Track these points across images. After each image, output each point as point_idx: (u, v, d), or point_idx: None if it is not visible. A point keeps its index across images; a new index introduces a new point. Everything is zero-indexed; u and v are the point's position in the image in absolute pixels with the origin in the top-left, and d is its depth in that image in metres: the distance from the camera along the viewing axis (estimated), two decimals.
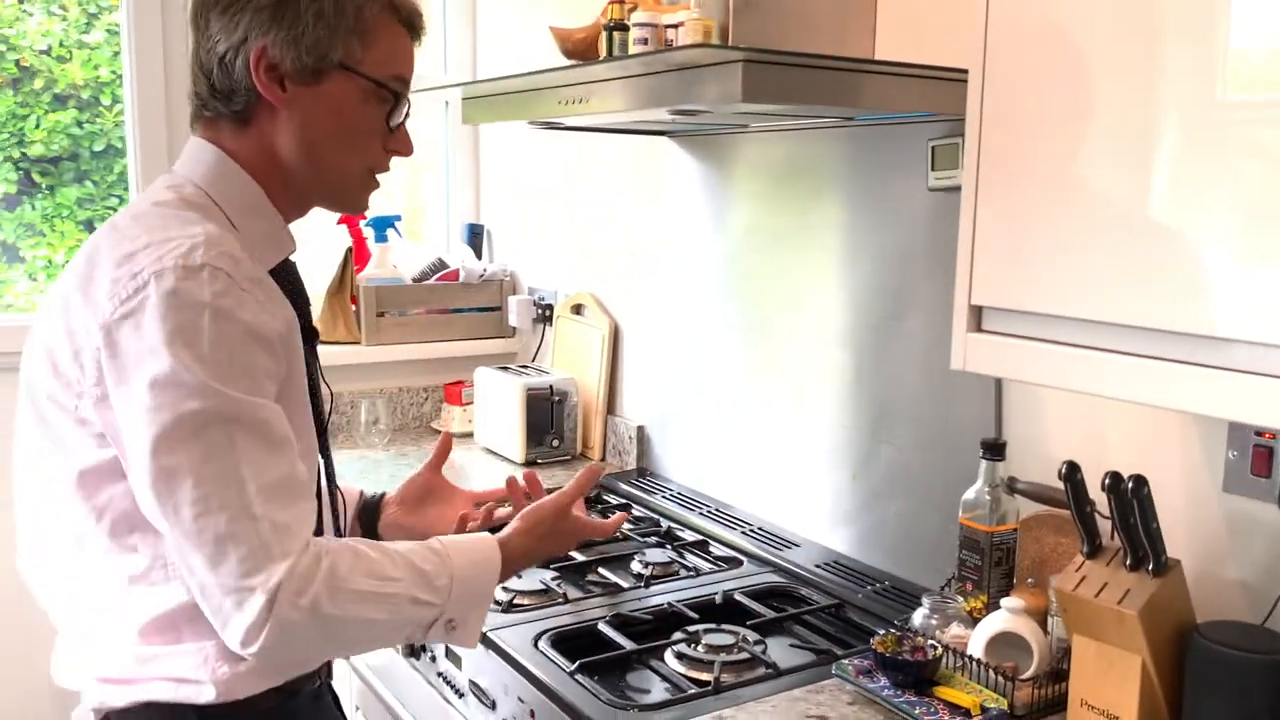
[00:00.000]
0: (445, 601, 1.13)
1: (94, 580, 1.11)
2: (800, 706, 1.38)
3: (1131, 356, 1.08)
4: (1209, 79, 0.98)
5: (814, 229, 1.95)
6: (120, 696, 1.11)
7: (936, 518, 1.69)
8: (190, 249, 1.01)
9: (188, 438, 0.98)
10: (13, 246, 2.76)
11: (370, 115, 1.16)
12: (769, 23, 1.63)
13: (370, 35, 1.13)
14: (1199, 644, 1.24)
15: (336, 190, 1.21)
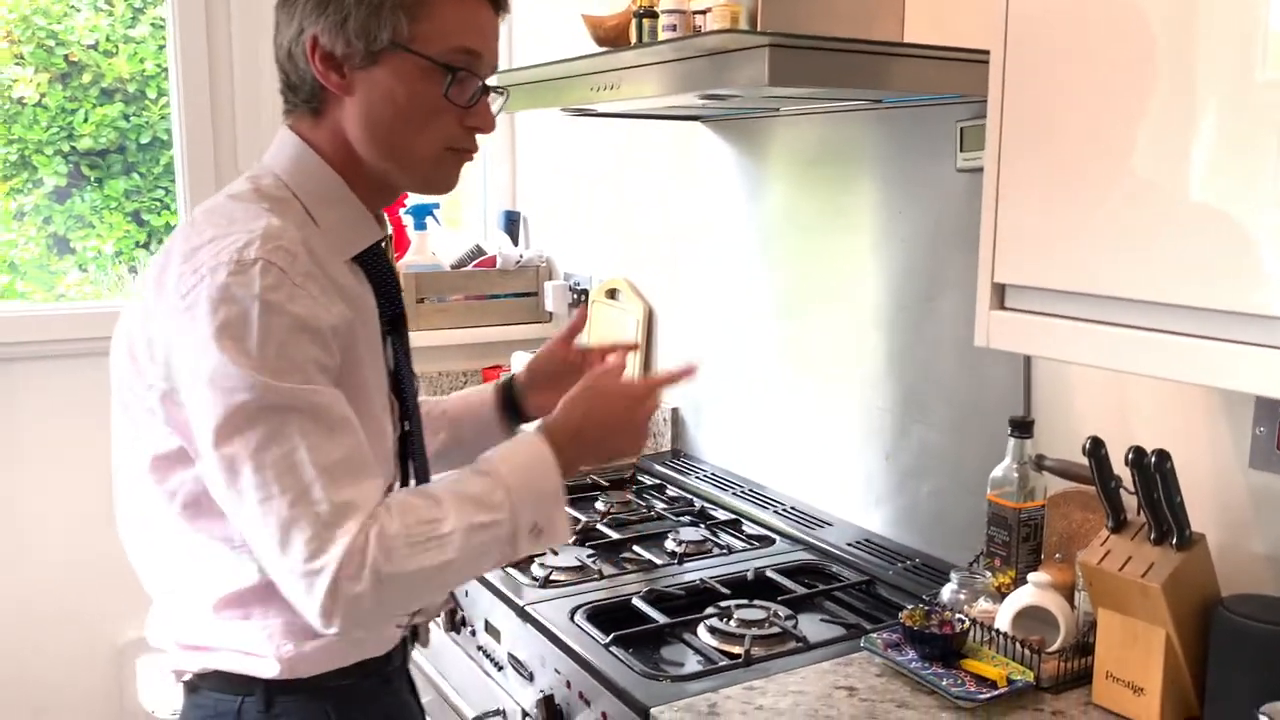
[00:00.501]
0: (510, 514, 1.09)
1: (170, 556, 1.15)
2: (829, 678, 1.42)
3: (1155, 332, 1.10)
4: (1241, 59, 0.99)
5: (846, 211, 1.97)
6: (195, 662, 1.17)
7: (967, 496, 1.71)
8: (246, 244, 1.02)
9: (243, 427, 0.99)
10: (63, 238, 2.84)
11: (430, 92, 1.11)
12: (797, 7, 1.65)
13: (421, 9, 1.08)
14: (1223, 617, 1.25)
15: (413, 172, 1.17)
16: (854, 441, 1.98)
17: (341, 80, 1.10)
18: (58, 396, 2.63)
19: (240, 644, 1.14)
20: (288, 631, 1.12)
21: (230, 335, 0.99)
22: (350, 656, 1.18)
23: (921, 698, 1.36)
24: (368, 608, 1.01)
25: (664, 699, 1.36)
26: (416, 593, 1.08)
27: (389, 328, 1.21)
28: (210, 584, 1.13)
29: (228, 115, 2.73)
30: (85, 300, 2.86)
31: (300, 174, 1.13)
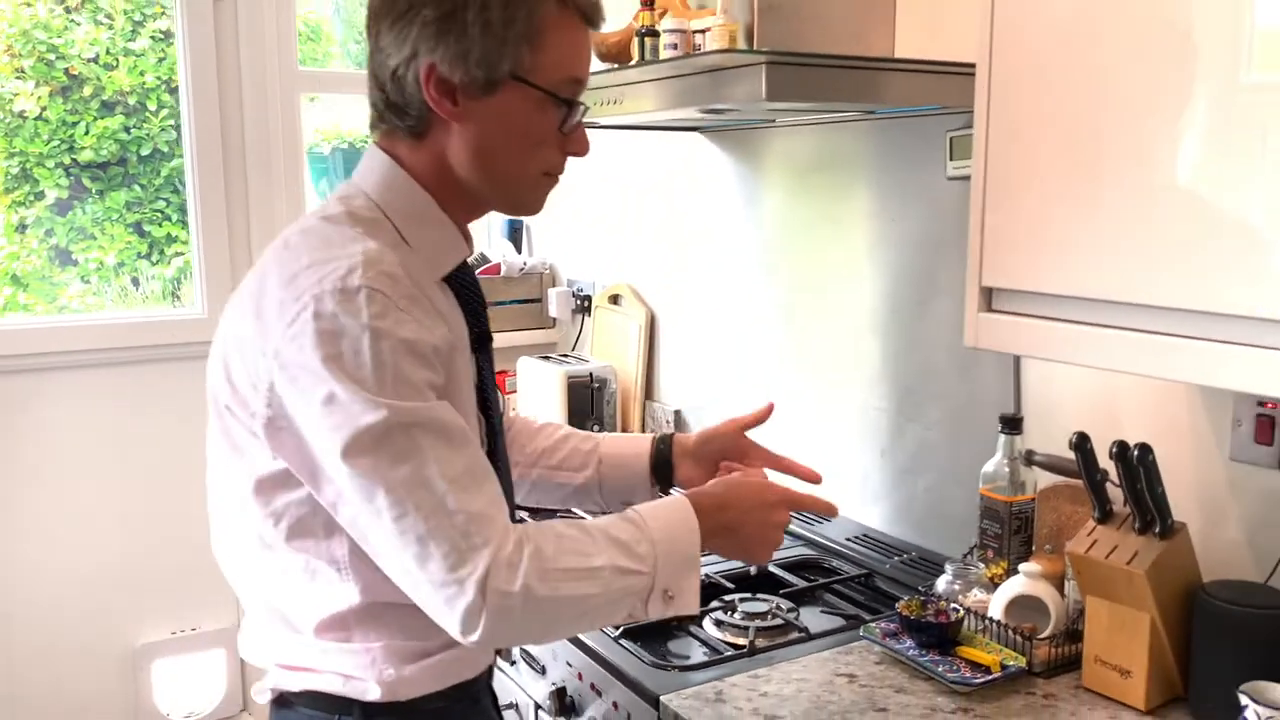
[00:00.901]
0: (653, 569, 1.08)
1: (273, 577, 1.13)
2: (830, 666, 1.48)
3: (1137, 332, 1.16)
4: (1227, 63, 1.05)
5: (841, 218, 2.04)
6: (295, 682, 1.16)
7: (961, 491, 1.77)
8: (349, 270, 1.01)
9: (371, 448, 0.99)
10: (65, 250, 2.86)
11: (544, 122, 1.11)
12: (792, 24, 1.72)
13: (541, 38, 1.07)
14: (1205, 601, 1.32)
15: (512, 196, 1.17)
16: (852, 440, 2.05)
17: (454, 108, 1.08)
18: (66, 407, 2.68)
19: (341, 667, 1.13)
20: (388, 655, 1.12)
21: (344, 364, 0.99)
22: (447, 679, 1.17)
23: (919, 683, 1.42)
24: (513, 622, 1.01)
25: (673, 687, 1.42)
26: (557, 621, 1.07)
27: (475, 345, 1.20)
28: (312, 606, 1.12)
29: (235, 124, 2.78)
30: (89, 312, 2.89)
31: (391, 194, 1.12)
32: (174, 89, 2.84)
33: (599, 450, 1.43)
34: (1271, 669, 1.25)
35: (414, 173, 1.13)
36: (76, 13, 2.77)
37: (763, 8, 1.70)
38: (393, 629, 1.12)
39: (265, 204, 2.82)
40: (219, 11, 2.73)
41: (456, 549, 0.99)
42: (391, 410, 0.99)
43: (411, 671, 1.13)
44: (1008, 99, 1.26)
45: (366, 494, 1.00)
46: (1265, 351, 1.05)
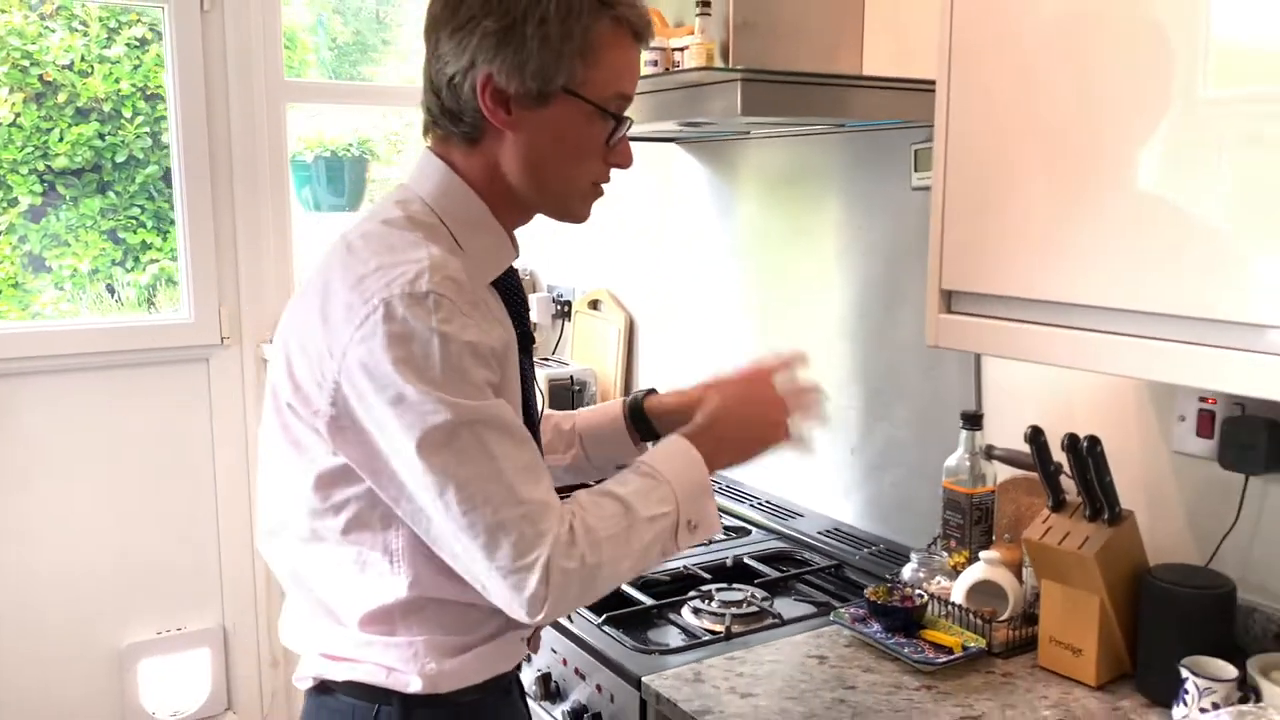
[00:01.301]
0: (675, 507, 1.15)
1: (323, 569, 1.17)
2: (802, 649, 1.57)
3: (1082, 331, 1.25)
4: (1184, 79, 1.15)
5: (811, 227, 2.13)
6: (336, 672, 1.19)
7: (926, 485, 1.86)
8: (416, 275, 1.04)
9: (442, 445, 1.03)
10: (39, 257, 2.85)
11: (594, 135, 1.15)
12: (765, 42, 1.82)
13: (595, 54, 1.11)
14: (1150, 583, 1.42)
15: (559, 205, 1.21)
16: (823, 439, 2.14)
17: (508, 117, 1.12)
18: (53, 410, 2.70)
19: (383, 659, 1.17)
20: (430, 649, 1.16)
21: (414, 366, 1.03)
22: (485, 672, 1.21)
23: (885, 664, 1.51)
24: (572, 593, 1.07)
25: (653, 669, 1.50)
26: (610, 580, 1.12)
27: (521, 347, 1.23)
28: (359, 598, 1.16)
29: (222, 127, 2.83)
30: (62, 319, 2.88)
31: (447, 200, 1.16)
32: (150, 96, 2.85)
33: (577, 428, 1.47)
34: (1211, 645, 1.35)
35: (467, 178, 1.16)
36: (51, 19, 2.77)
37: (738, 26, 1.79)
38: (435, 623, 1.16)
39: (251, 211, 2.87)
40: (206, 23, 2.78)
41: (524, 537, 1.04)
42: (459, 409, 1.03)
43: (452, 665, 1.17)
44: (964, 114, 1.35)
45: (438, 489, 1.04)
46: (1204, 349, 1.13)
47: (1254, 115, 1.06)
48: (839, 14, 1.91)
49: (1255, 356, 1.08)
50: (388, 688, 1.17)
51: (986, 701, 1.40)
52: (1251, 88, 1.07)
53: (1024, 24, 1.27)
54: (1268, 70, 1.05)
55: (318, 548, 1.16)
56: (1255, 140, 1.07)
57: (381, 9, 3.52)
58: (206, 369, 2.82)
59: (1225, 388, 1.13)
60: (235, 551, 2.92)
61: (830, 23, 1.90)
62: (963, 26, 1.35)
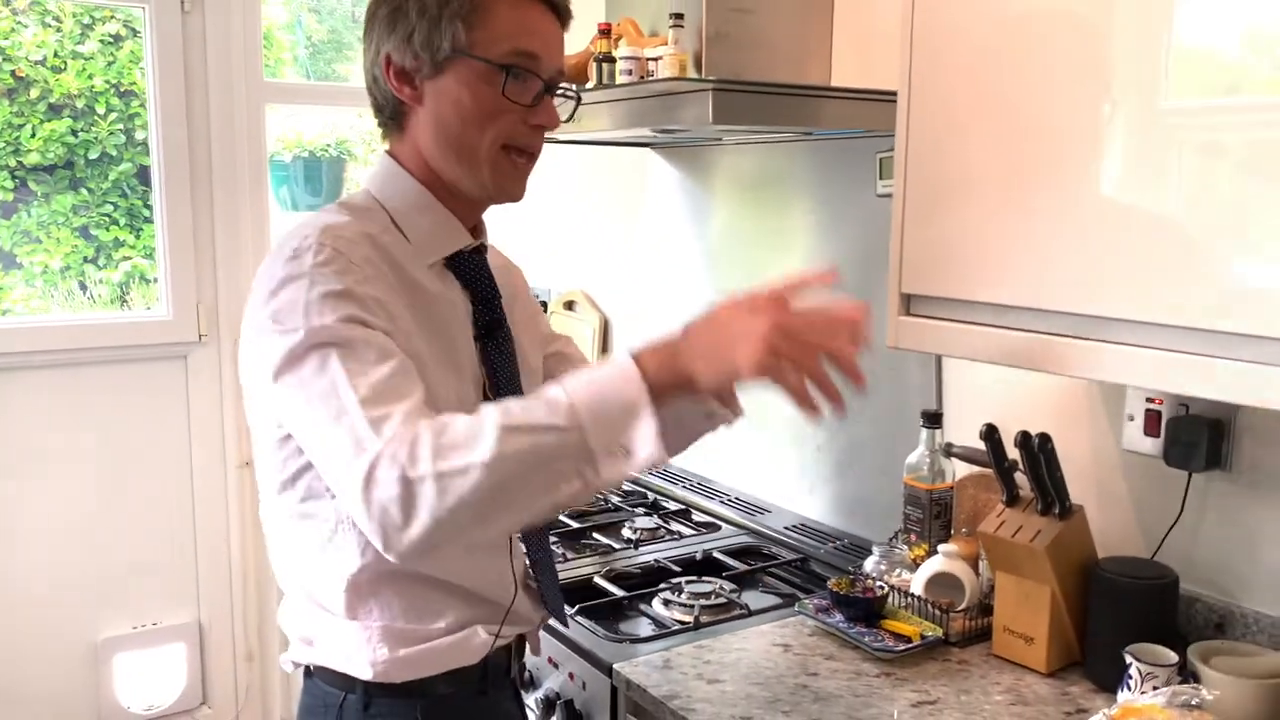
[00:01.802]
0: (573, 423, 0.99)
1: (295, 550, 1.21)
2: (768, 637, 1.63)
3: (1031, 333, 1.31)
4: (1137, 90, 1.22)
5: (781, 231, 2.19)
6: (307, 655, 1.24)
7: (890, 482, 1.93)
8: (306, 236, 1.11)
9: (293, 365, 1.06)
10: (10, 254, 2.83)
11: (492, 93, 1.15)
12: (738, 53, 1.88)
13: (476, 16, 1.14)
14: (1098, 575, 1.49)
15: (474, 175, 1.19)
16: (790, 437, 2.20)
17: (414, 92, 1.17)
18: (31, 406, 2.72)
19: (342, 644, 1.20)
20: (385, 636, 1.18)
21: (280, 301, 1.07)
22: (441, 665, 1.21)
23: (847, 652, 1.57)
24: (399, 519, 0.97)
25: (625, 657, 1.56)
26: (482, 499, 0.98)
27: (484, 332, 1.25)
28: (321, 574, 1.19)
29: (201, 124, 2.86)
30: (34, 315, 2.88)
31: (388, 187, 1.22)
32: (124, 92, 2.85)
33: None
34: (1154, 633, 1.42)
35: (406, 166, 1.22)
36: (24, 15, 2.76)
37: (710, 37, 1.85)
38: (394, 609, 1.18)
39: (230, 209, 2.90)
40: (187, 23, 2.81)
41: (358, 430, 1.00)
42: (310, 332, 1.05)
43: (404, 654, 1.19)
44: (924, 124, 1.41)
45: (290, 409, 1.08)
46: (1146, 351, 1.19)
47: (1210, 125, 1.13)
48: (809, 27, 1.98)
49: (1195, 359, 1.14)
50: (347, 673, 1.20)
51: (942, 687, 1.46)
52: (1204, 100, 1.14)
53: (982, 37, 1.33)
54: (1212, 80, 1.12)
55: (285, 526, 1.21)
56: (1206, 149, 1.13)
57: (357, 9, 3.54)
58: (185, 366, 2.85)
59: (1165, 388, 1.21)
60: (211, 547, 2.94)
61: (800, 35, 1.97)
62: (922, 40, 1.42)
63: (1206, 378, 1.14)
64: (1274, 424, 1.43)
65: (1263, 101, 1.07)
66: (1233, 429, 1.48)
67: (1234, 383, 1.11)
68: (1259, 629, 1.45)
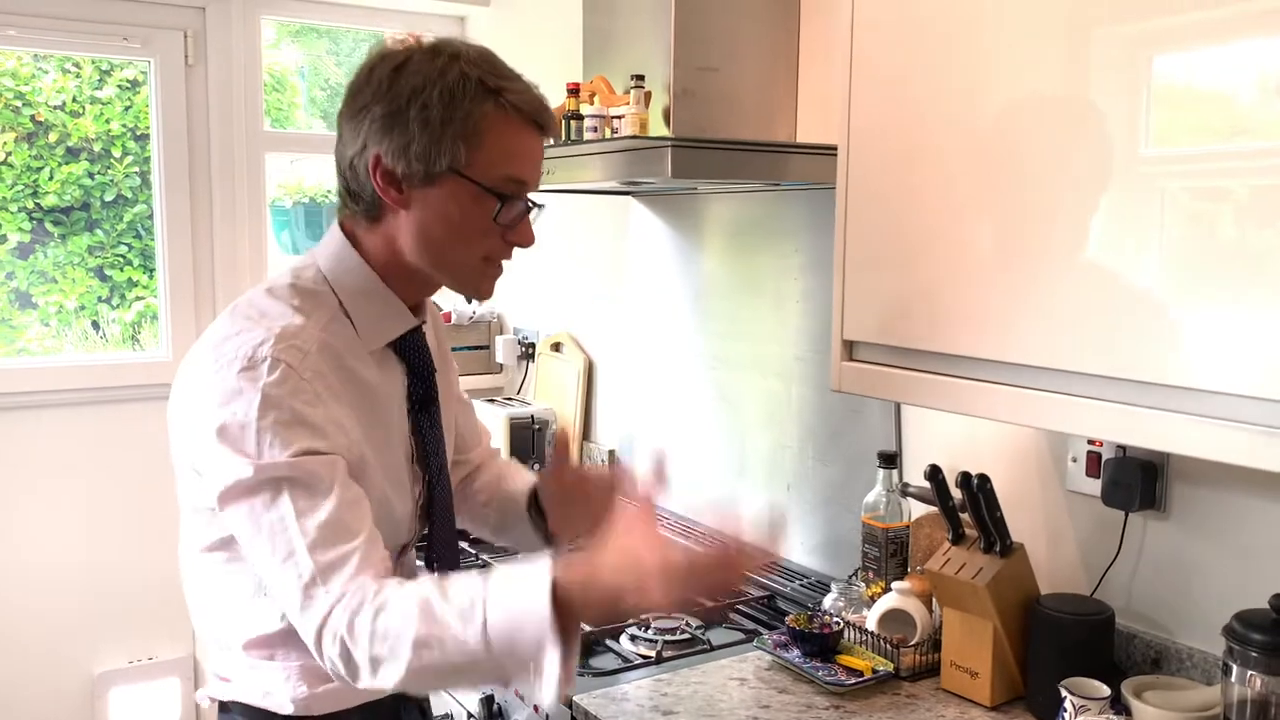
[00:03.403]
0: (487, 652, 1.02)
1: (211, 596, 1.28)
2: (725, 672, 1.68)
3: (963, 380, 1.38)
4: (1070, 148, 1.29)
5: (755, 276, 2.27)
6: (225, 691, 1.30)
7: (856, 521, 1.99)
8: (262, 342, 1.13)
9: (242, 498, 1.11)
10: (26, 293, 2.93)
11: (481, 214, 1.19)
12: (705, 110, 1.97)
13: (480, 138, 1.16)
14: (1038, 611, 1.54)
15: (456, 280, 1.26)
16: (762, 476, 2.26)
17: (399, 195, 1.19)
18: (23, 445, 2.81)
19: (262, 682, 1.26)
20: (303, 675, 1.24)
21: (234, 423, 1.11)
22: (357, 698, 1.28)
23: (801, 686, 1.63)
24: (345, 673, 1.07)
25: (584, 689, 1.62)
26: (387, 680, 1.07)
27: (419, 406, 1.32)
28: (242, 625, 1.25)
29: (203, 171, 2.97)
30: (47, 355, 2.97)
31: (340, 270, 1.24)
32: (139, 136, 2.96)
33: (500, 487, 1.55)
34: (1091, 667, 1.47)
35: (366, 252, 1.24)
36: (44, 61, 2.86)
37: (677, 94, 1.95)
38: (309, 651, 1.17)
39: (229, 253, 3.01)
40: (190, 75, 2.93)
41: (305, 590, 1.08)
42: (261, 468, 1.10)
43: (323, 691, 1.26)
44: (863, 177, 1.49)
45: (237, 534, 1.15)
46: (1073, 399, 1.25)
47: (1168, 174, 1.21)
48: (774, 85, 2.07)
49: (1121, 408, 1.20)
50: (266, 709, 1.27)
51: None
52: (1160, 149, 1.22)
53: (919, 94, 1.41)
54: (1168, 133, 1.20)
55: (205, 577, 1.27)
56: (1147, 199, 1.20)
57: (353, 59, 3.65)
58: None
59: (1088, 433, 1.27)
60: None
61: (766, 92, 2.06)
62: (861, 95, 1.49)
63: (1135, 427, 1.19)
64: (1204, 467, 1.49)
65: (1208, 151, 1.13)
66: (1166, 471, 1.54)
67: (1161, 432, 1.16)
68: (1192, 664, 1.51)
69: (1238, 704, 1.29)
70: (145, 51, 2.88)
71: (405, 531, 1.33)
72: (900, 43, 1.43)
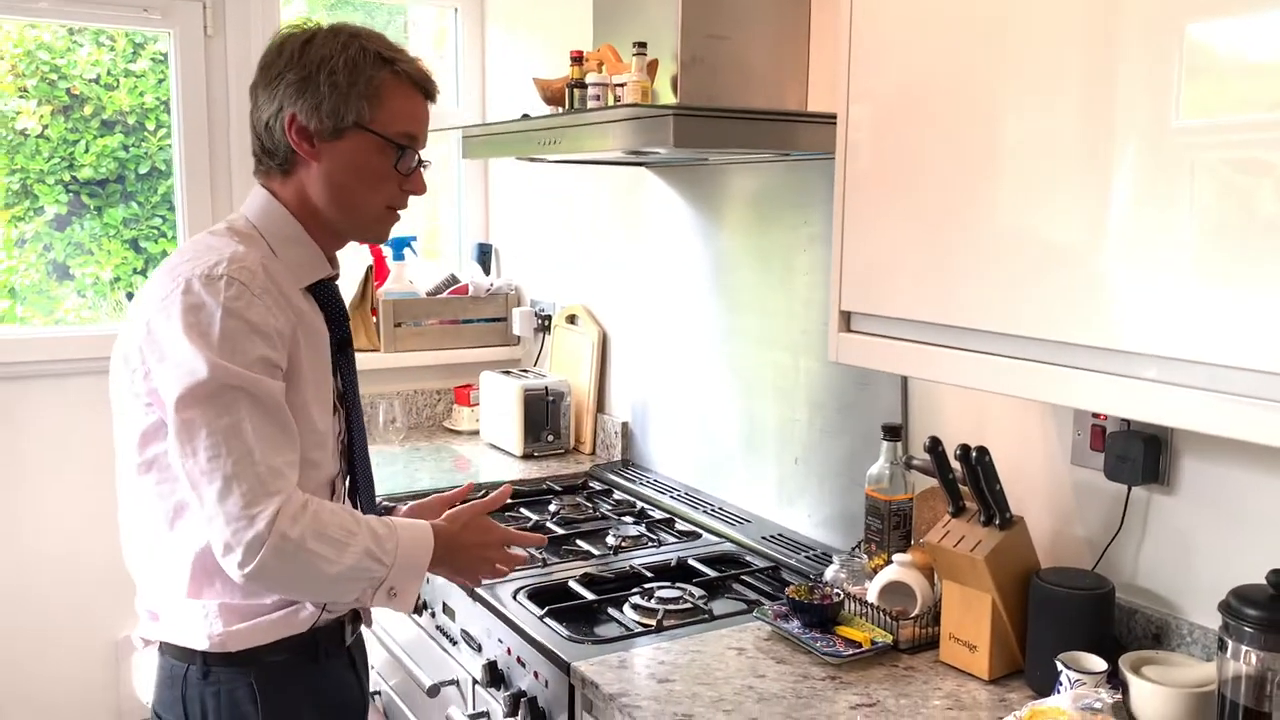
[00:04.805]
0: (391, 565, 1.34)
1: (142, 528, 1.39)
2: (724, 641, 1.69)
3: (959, 350, 1.36)
4: (1070, 116, 1.27)
5: (766, 247, 2.26)
6: (153, 631, 1.43)
7: (862, 494, 1.98)
8: (215, 263, 1.29)
9: (203, 399, 1.24)
10: (63, 265, 2.99)
11: (384, 164, 1.40)
12: (714, 78, 1.95)
13: (379, 98, 1.37)
14: (1036, 584, 1.53)
15: (360, 224, 1.45)
16: (771, 448, 2.26)
17: (311, 149, 1.38)
18: (57, 412, 2.87)
19: (182, 620, 1.38)
20: (220, 612, 1.36)
21: (197, 330, 1.25)
22: (270, 635, 1.39)
23: (798, 656, 1.63)
24: (283, 563, 1.24)
25: (583, 656, 1.63)
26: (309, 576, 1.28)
27: (337, 349, 1.47)
28: (164, 558, 1.37)
29: (222, 147, 2.99)
30: (82, 325, 3.03)
31: (266, 219, 1.41)
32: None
33: None
34: (1090, 641, 1.46)
35: (285, 203, 1.42)
36: (79, 34, 2.90)
37: (685, 63, 1.93)
38: (231, 588, 1.34)
39: None
40: (209, 46, 2.95)
41: (253, 492, 1.24)
42: (224, 372, 1.24)
43: (239, 628, 1.37)
44: (860, 147, 1.48)
45: (188, 435, 1.25)
46: (1066, 370, 1.24)
47: (1196, 145, 1.18)
48: (785, 53, 2.04)
49: (1114, 379, 1.18)
50: (186, 646, 1.38)
51: (884, 691, 1.52)
52: (1182, 120, 1.19)
53: (916, 65, 1.40)
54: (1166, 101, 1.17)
55: (138, 508, 1.38)
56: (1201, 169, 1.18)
57: (391, 28, 3.66)
58: None
59: (1082, 405, 1.25)
60: None
61: (776, 61, 2.03)
62: (860, 63, 1.48)
63: (1140, 400, 1.16)
64: (1209, 442, 1.46)
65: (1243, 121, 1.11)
66: (1169, 445, 1.52)
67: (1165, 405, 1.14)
68: (1193, 640, 1.49)
69: (1233, 679, 1.28)
70: (165, 23, 2.90)
71: (332, 462, 1.45)
72: (902, 6, 1.41)
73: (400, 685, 2.34)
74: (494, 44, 3.33)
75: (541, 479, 2.64)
